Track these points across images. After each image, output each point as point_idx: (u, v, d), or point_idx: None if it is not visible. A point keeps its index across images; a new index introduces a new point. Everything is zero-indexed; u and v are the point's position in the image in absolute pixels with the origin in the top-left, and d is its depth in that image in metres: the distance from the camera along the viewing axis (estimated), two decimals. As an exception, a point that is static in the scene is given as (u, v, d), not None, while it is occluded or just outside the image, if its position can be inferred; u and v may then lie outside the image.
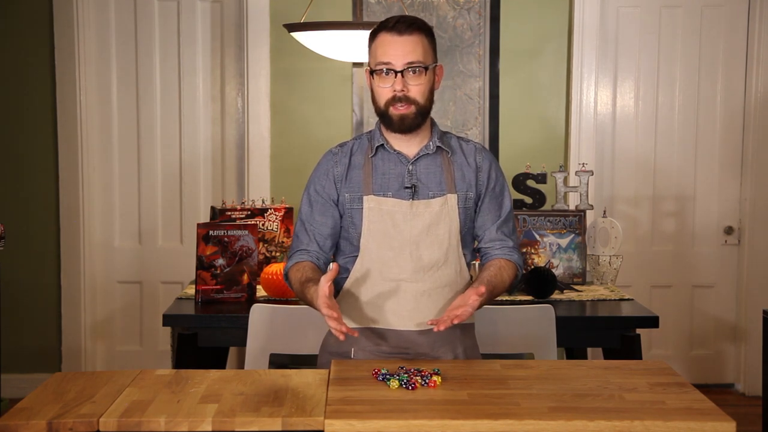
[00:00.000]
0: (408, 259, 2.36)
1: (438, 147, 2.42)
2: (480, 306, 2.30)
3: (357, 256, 2.39)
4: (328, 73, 4.52)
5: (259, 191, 4.49)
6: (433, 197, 2.38)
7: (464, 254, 2.43)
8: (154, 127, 4.63)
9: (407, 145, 2.41)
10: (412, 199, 2.37)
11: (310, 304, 2.30)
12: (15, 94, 4.52)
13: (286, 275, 2.44)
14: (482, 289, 2.23)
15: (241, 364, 4.40)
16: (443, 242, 2.38)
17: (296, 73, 4.54)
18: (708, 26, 4.62)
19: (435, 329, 2.22)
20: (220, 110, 4.65)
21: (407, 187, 2.38)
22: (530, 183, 3.79)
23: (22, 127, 4.53)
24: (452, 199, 2.39)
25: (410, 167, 2.39)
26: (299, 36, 3.56)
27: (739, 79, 4.65)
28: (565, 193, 3.80)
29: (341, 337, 2.14)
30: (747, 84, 4.63)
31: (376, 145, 2.40)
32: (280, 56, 4.52)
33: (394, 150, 2.40)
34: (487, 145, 4.55)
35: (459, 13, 4.53)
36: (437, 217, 2.37)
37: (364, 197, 2.38)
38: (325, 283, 2.17)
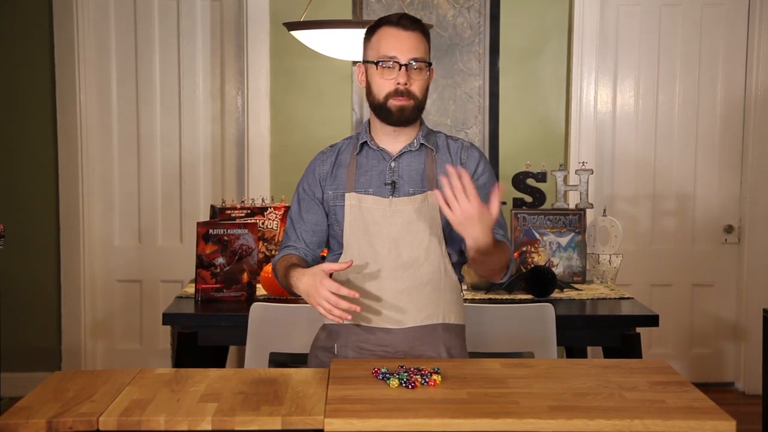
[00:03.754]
0: (387, 257, 2.36)
1: (422, 144, 2.42)
2: (483, 246, 2.17)
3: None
4: (327, 72, 4.52)
5: (259, 190, 4.49)
6: (414, 194, 2.39)
7: (449, 253, 2.42)
8: (153, 126, 4.63)
9: (393, 142, 2.42)
10: (392, 196, 2.38)
11: (292, 287, 2.32)
12: (15, 94, 4.52)
13: (274, 269, 2.47)
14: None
15: (240, 363, 4.40)
16: (423, 240, 2.38)
17: (296, 71, 4.54)
18: (708, 25, 4.62)
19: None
20: (220, 109, 4.64)
21: (387, 184, 2.39)
22: (530, 182, 3.78)
23: (22, 127, 4.53)
24: (433, 196, 2.37)
25: (392, 164, 2.40)
26: (299, 35, 3.56)
27: (739, 78, 4.65)
28: (565, 191, 3.79)
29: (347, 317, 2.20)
30: (747, 82, 4.63)
31: (361, 142, 2.43)
32: (280, 55, 4.52)
33: (378, 147, 2.42)
34: (486, 144, 4.55)
35: (459, 11, 4.53)
36: (417, 214, 2.37)
37: (346, 194, 2.40)
38: (327, 267, 2.23)
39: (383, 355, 2.38)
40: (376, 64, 2.35)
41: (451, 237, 2.42)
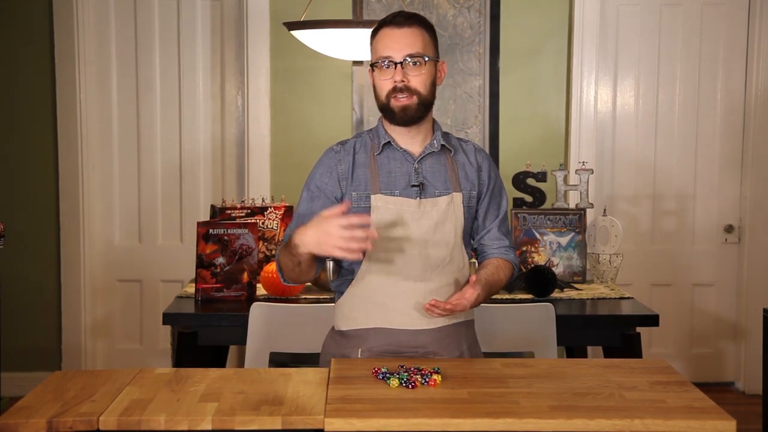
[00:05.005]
0: (417, 258, 2.36)
1: (442, 146, 2.42)
2: (477, 302, 2.31)
3: (363, 256, 2.38)
4: (328, 72, 4.52)
5: (259, 190, 4.49)
6: (440, 195, 2.39)
7: (465, 252, 2.44)
8: (154, 126, 4.63)
9: (411, 143, 2.40)
10: (420, 198, 2.37)
11: (297, 247, 2.21)
12: (15, 94, 4.52)
13: (277, 259, 2.38)
14: (477, 282, 2.29)
15: (241, 363, 4.40)
16: (449, 241, 2.38)
17: (296, 71, 4.54)
18: (708, 24, 4.62)
19: (431, 313, 2.26)
20: (220, 109, 4.64)
21: (414, 186, 2.37)
22: (530, 181, 3.79)
23: (22, 127, 4.53)
24: (458, 197, 2.40)
25: (416, 165, 2.39)
26: (299, 34, 3.56)
27: (739, 78, 4.65)
28: (566, 191, 3.79)
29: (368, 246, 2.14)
30: (747, 82, 4.63)
31: (383, 143, 2.40)
32: (280, 54, 4.52)
33: (401, 147, 2.39)
34: (487, 144, 4.56)
35: (459, 11, 4.53)
36: (444, 216, 2.38)
37: (372, 196, 2.36)
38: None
39: (412, 356, 2.37)
40: (373, 66, 2.35)
41: (466, 238, 2.45)
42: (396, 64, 2.31)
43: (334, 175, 2.39)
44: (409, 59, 2.32)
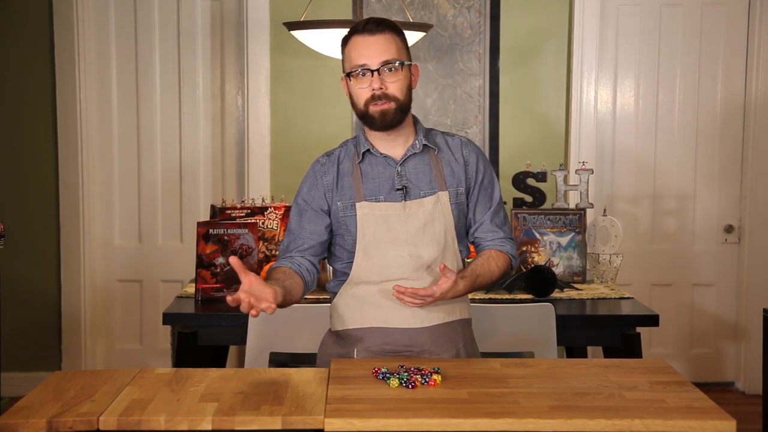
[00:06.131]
0: (408, 259, 2.36)
1: (424, 145, 2.42)
2: (457, 292, 2.31)
3: (353, 261, 2.39)
4: (327, 72, 4.52)
5: (259, 190, 4.49)
6: (425, 196, 2.39)
7: (460, 249, 2.45)
8: (154, 126, 4.63)
9: (393, 147, 2.41)
10: (405, 200, 2.37)
11: None
12: (15, 94, 4.52)
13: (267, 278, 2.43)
14: (448, 270, 2.28)
15: (241, 363, 4.40)
16: (440, 240, 2.39)
17: (296, 71, 4.54)
18: (708, 25, 4.62)
19: (401, 300, 2.29)
20: (220, 109, 4.65)
21: (398, 189, 2.38)
22: (530, 181, 3.79)
23: (22, 127, 4.53)
24: (444, 196, 2.39)
25: (399, 169, 2.39)
26: (299, 34, 3.57)
27: (739, 78, 4.65)
28: (566, 191, 3.79)
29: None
30: (747, 82, 4.63)
31: (363, 151, 2.40)
32: (280, 54, 4.52)
33: (381, 153, 2.40)
34: (487, 144, 4.56)
35: (459, 11, 4.53)
36: (431, 216, 2.38)
37: (357, 204, 2.37)
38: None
39: (409, 355, 2.38)
40: (349, 75, 2.35)
41: (459, 234, 2.45)
42: (372, 71, 2.31)
43: (320, 188, 2.41)
44: (385, 66, 2.31)
